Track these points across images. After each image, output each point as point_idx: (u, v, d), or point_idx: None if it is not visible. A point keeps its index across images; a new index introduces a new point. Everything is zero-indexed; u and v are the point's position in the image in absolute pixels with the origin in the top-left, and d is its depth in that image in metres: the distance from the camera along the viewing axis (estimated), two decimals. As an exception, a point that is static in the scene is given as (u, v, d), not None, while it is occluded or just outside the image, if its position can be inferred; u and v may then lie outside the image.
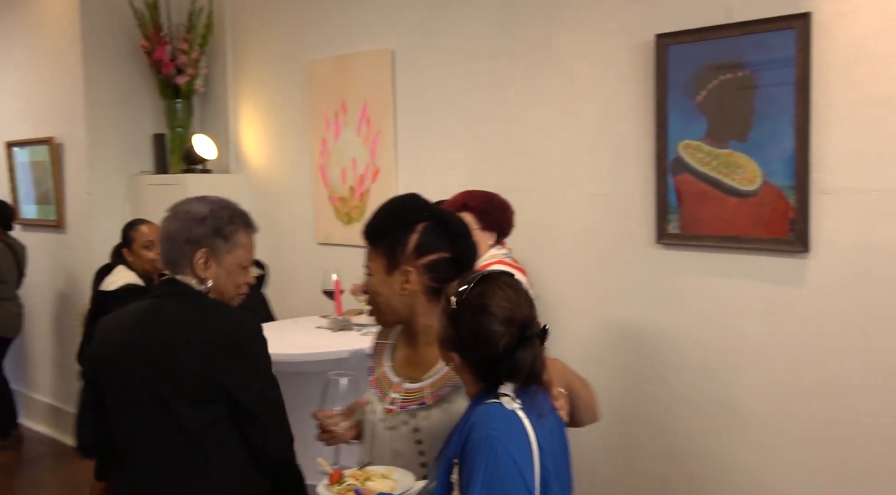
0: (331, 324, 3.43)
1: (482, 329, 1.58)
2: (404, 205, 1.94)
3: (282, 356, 3.04)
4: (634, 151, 3.10)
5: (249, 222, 2.08)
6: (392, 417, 1.84)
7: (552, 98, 3.39)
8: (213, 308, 1.99)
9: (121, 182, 5.16)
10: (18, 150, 5.76)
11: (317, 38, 4.47)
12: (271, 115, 4.83)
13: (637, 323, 3.16)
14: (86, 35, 5.03)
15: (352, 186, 4.30)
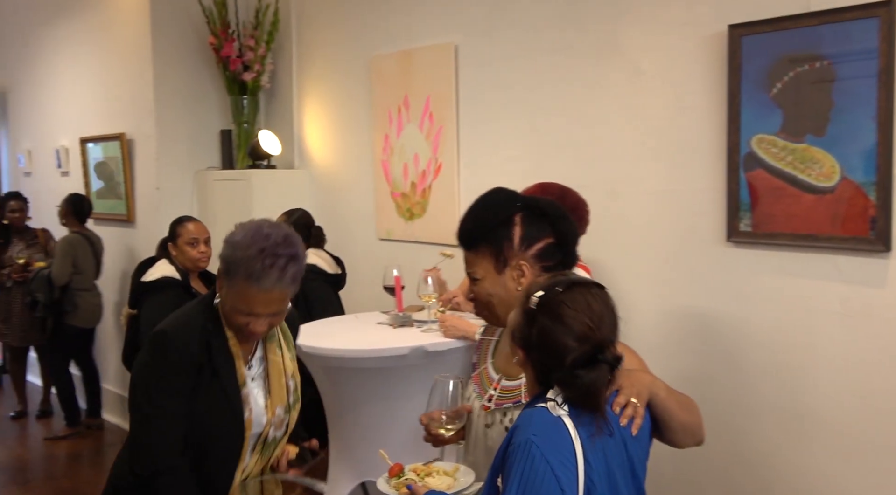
0: (391, 321, 3.41)
1: (554, 338, 1.51)
2: (496, 199, 1.87)
3: (342, 352, 3.04)
4: (704, 146, 3.00)
5: (258, 276, 1.91)
6: (488, 414, 1.82)
7: (617, 92, 3.30)
8: (189, 306, 2.11)
9: (188, 177, 5.25)
10: (92, 146, 5.91)
11: (380, 33, 4.46)
12: (334, 110, 4.85)
13: (705, 323, 3.05)
14: (156, 33, 5.13)
15: (413, 182, 4.29)
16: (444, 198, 4.09)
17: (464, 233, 1.84)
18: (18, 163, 7.14)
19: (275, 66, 5.15)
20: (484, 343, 1.98)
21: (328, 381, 3.20)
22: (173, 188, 5.21)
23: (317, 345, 3.04)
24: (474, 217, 1.84)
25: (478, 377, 1.91)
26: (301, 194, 4.89)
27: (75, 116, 6.15)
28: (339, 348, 3.03)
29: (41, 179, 6.76)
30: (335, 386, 3.19)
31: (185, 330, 1.96)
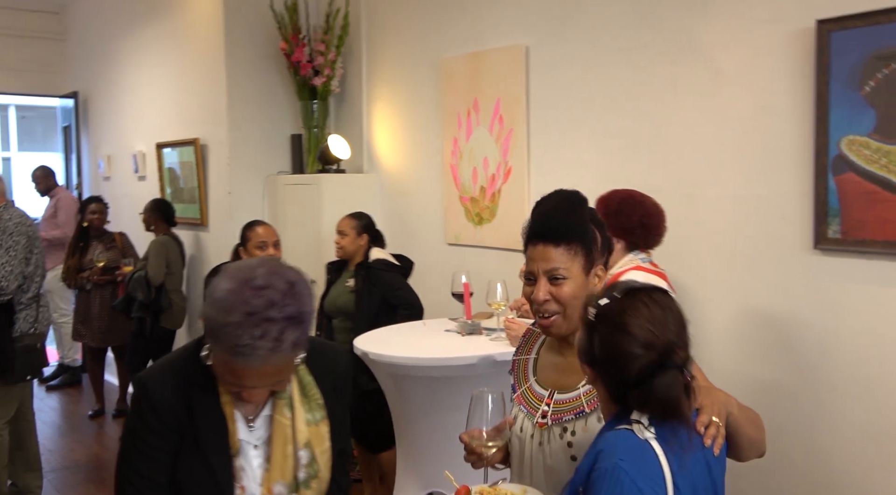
0: (460, 328, 3.35)
1: (617, 348, 1.43)
2: (581, 199, 1.76)
3: (407, 359, 2.99)
4: (789, 148, 2.85)
5: (241, 351, 1.52)
6: (544, 432, 1.73)
7: (694, 92, 3.18)
8: (173, 356, 1.77)
9: (259, 181, 5.30)
10: (168, 151, 6.03)
11: (449, 35, 4.42)
12: (403, 114, 4.82)
13: (788, 334, 2.90)
14: (229, 40, 5.20)
15: (483, 186, 4.22)
16: (513, 203, 4.02)
17: (559, 225, 1.69)
18: (98, 168, 7.35)
19: (345, 70, 5.16)
20: (519, 362, 1.89)
21: (395, 389, 3.16)
22: (245, 192, 5.26)
23: (383, 352, 3.00)
24: (568, 211, 1.72)
25: (521, 397, 1.82)
26: (370, 198, 4.88)
27: (152, 122, 6.29)
28: (405, 356, 2.99)
29: (119, 184, 6.94)
30: (402, 394, 3.14)
31: (164, 381, 1.65)
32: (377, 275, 3.91)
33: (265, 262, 1.59)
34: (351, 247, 4.05)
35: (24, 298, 3.96)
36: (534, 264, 1.70)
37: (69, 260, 5.89)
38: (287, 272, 1.57)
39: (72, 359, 7.12)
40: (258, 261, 1.60)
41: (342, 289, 4.01)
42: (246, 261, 1.63)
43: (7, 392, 3.94)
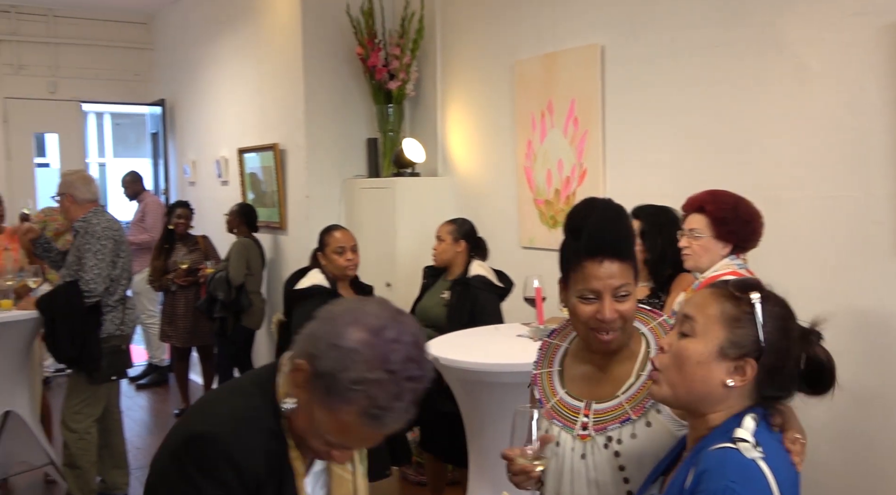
0: (532, 333, 3.30)
1: (786, 324, 1.41)
2: (622, 208, 1.71)
3: (478, 365, 2.96)
4: (881, 148, 2.70)
5: (379, 416, 1.34)
6: (587, 444, 1.66)
7: (779, 91, 3.05)
8: (237, 399, 1.45)
9: (336, 185, 5.35)
10: (248, 156, 6.16)
11: (523, 37, 4.37)
12: (478, 116, 4.79)
13: (882, 343, 2.75)
14: (307, 46, 5.27)
15: (557, 189, 4.16)
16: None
17: (621, 240, 1.64)
18: (184, 173, 7.57)
19: (419, 74, 5.17)
20: (542, 376, 1.82)
21: (466, 395, 3.13)
22: (322, 196, 5.33)
23: (454, 358, 2.97)
24: (621, 224, 1.67)
25: (552, 411, 1.74)
26: (444, 201, 4.87)
27: (234, 128, 6.44)
28: (475, 361, 2.95)
29: (203, 188, 7.13)
30: (473, 401, 3.11)
31: (248, 437, 1.37)
32: (474, 293, 3.80)
33: (380, 305, 1.39)
34: (445, 254, 3.96)
35: (110, 301, 4.10)
36: (598, 282, 1.61)
37: (155, 262, 6.08)
38: (404, 319, 1.39)
39: (159, 358, 7.35)
40: (367, 301, 1.40)
41: (436, 301, 3.92)
42: (358, 304, 1.40)
43: (94, 391, 4.09)
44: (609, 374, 1.69)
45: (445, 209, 4.62)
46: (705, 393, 1.41)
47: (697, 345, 1.40)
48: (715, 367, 1.39)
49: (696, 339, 1.41)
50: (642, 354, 1.68)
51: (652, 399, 1.58)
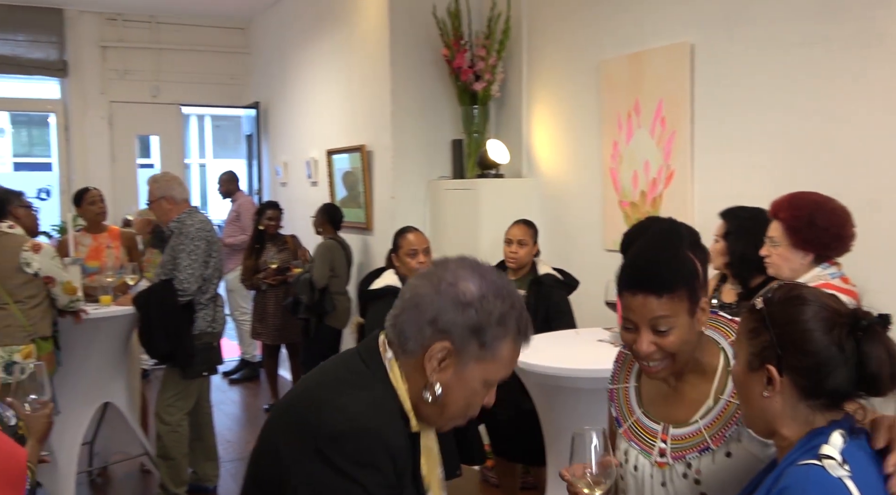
0: (613, 339, 3.24)
1: (801, 318, 1.30)
2: (676, 231, 1.62)
3: (556, 369, 2.92)
4: None
5: (525, 330, 1.44)
6: (665, 471, 1.60)
7: (882, 89, 2.89)
8: (361, 391, 1.40)
9: (421, 186, 5.38)
10: (337, 158, 6.27)
11: (609, 36, 4.29)
12: (563, 117, 4.74)
13: None
14: (394, 48, 5.32)
15: (643, 191, 4.06)
16: (675, 208, 3.83)
17: (660, 274, 1.52)
18: (276, 174, 7.77)
19: (505, 74, 5.14)
20: (618, 392, 1.74)
21: (544, 399, 3.10)
22: (407, 197, 5.37)
23: (532, 361, 2.94)
24: (670, 253, 1.55)
25: (629, 432, 1.67)
26: (527, 203, 4.83)
27: (323, 130, 6.56)
28: (554, 365, 2.92)
29: (294, 189, 7.30)
30: (552, 405, 3.08)
31: (396, 426, 1.39)
32: (547, 291, 3.81)
33: (443, 264, 1.47)
34: (527, 258, 3.94)
35: (202, 299, 4.23)
36: (633, 314, 1.54)
37: (246, 261, 6.26)
38: (469, 262, 1.47)
39: (251, 354, 7.56)
40: (472, 265, 1.45)
41: None
42: (431, 274, 1.45)
43: (186, 386, 4.24)
44: (685, 395, 1.61)
45: (529, 210, 4.58)
46: (759, 411, 1.36)
47: (736, 365, 1.40)
48: (751, 382, 1.35)
49: (736, 359, 1.41)
50: (720, 372, 1.59)
51: (736, 424, 1.53)
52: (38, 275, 3.75)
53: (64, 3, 7.79)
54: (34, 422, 1.86)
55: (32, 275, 3.73)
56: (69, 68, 7.99)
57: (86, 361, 4.25)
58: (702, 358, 1.60)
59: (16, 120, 14.79)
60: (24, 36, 7.82)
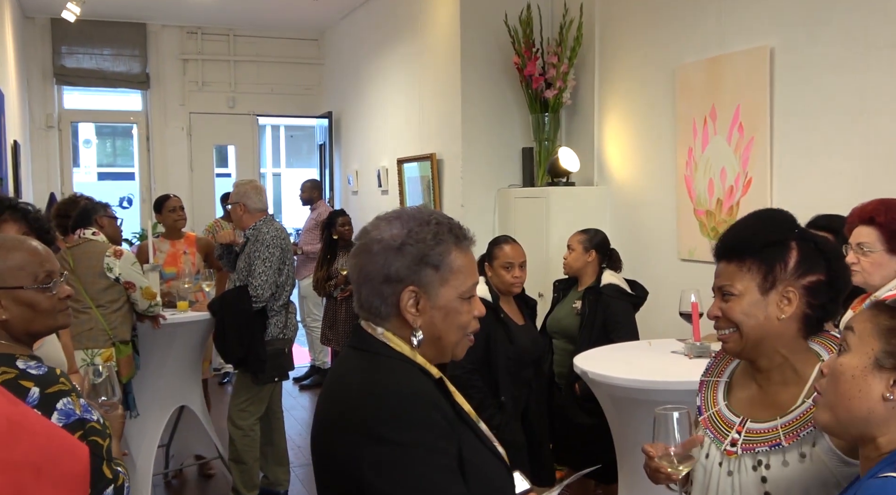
0: (687, 350, 3.15)
1: None
2: (775, 217, 1.67)
3: (628, 381, 2.86)
4: None
5: (462, 234, 1.50)
6: (733, 460, 1.59)
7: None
8: (378, 372, 1.42)
9: (490, 194, 5.37)
10: (408, 166, 6.30)
11: (685, 41, 4.20)
12: (636, 124, 4.66)
13: None
14: (465, 57, 5.33)
15: (719, 199, 3.95)
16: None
17: (730, 243, 1.63)
18: (348, 183, 7.86)
19: (577, 81, 5.09)
20: (708, 384, 1.76)
21: (615, 412, 3.03)
22: (477, 205, 5.36)
23: (603, 372, 2.88)
24: (748, 228, 1.64)
25: (708, 420, 1.68)
26: (599, 212, 4.76)
27: (394, 139, 6.61)
28: (626, 377, 2.85)
29: (365, 197, 7.37)
30: (623, 418, 3.01)
31: (417, 380, 1.44)
32: (606, 301, 3.71)
33: (399, 210, 1.55)
34: (577, 264, 3.85)
35: (275, 306, 4.29)
36: (715, 280, 1.65)
37: (318, 270, 6.34)
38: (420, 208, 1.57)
39: (322, 361, 7.64)
40: (386, 216, 1.51)
41: (568, 310, 3.84)
42: (382, 217, 1.52)
43: (258, 391, 4.30)
44: (773, 398, 1.60)
45: (600, 219, 4.51)
46: (866, 412, 1.28)
47: (852, 359, 1.31)
48: (872, 380, 1.28)
49: (851, 353, 1.31)
50: (811, 381, 1.57)
51: (813, 426, 1.48)
52: (118, 280, 3.86)
53: (147, 18, 8.07)
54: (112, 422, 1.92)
55: (114, 280, 3.85)
56: (151, 80, 8.26)
57: (163, 365, 4.36)
58: (797, 365, 1.59)
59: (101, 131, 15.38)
60: (110, 50, 8.12)
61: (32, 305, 1.70)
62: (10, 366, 1.62)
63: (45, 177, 7.85)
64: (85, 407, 1.66)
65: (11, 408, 0.96)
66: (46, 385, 1.62)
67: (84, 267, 3.83)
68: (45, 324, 1.74)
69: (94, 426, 1.65)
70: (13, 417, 0.94)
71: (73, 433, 1.59)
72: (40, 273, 1.73)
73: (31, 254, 1.75)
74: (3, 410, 0.94)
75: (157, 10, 7.80)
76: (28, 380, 1.61)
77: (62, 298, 1.77)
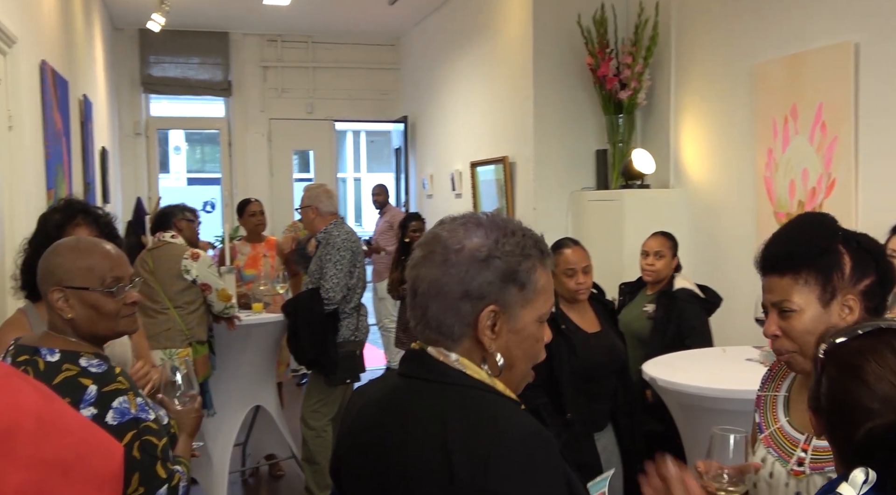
0: (763, 358, 3.03)
1: (846, 398, 1.15)
2: (824, 223, 1.58)
3: (699, 389, 2.77)
4: None
5: (546, 249, 1.34)
6: (801, 481, 1.52)
7: None
8: (478, 409, 1.22)
9: (563, 197, 5.30)
10: (481, 170, 6.29)
11: (765, 38, 4.05)
12: (713, 124, 4.52)
13: None
14: (537, 58, 5.28)
15: (801, 201, 3.80)
16: (837, 219, 3.55)
17: (782, 254, 1.52)
18: (423, 187, 7.90)
19: (652, 81, 4.98)
20: (766, 399, 1.67)
21: (686, 420, 2.94)
22: (549, 208, 5.30)
23: (673, 379, 2.81)
24: (797, 237, 1.54)
25: (769, 438, 1.59)
26: (675, 214, 4.64)
27: (467, 142, 6.61)
28: (697, 385, 2.76)
29: (439, 201, 7.39)
30: (694, 426, 2.91)
31: (515, 412, 1.25)
32: (681, 306, 3.60)
33: (475, 214, 1.37)
34: (666, 270, 3.74)
35: (347, 308, 4.34)
36: (764, 296, 1.54)
37: (393, 273, 6.38)
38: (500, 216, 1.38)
39: (397, 363, 7.69)
40: (463, 218, 1.34)
41: (638, 314, 3.74)
42: (457, 220, 1.34)
43: (330, 392, 4.35)
44: None
45: (676, 222, 4.39)
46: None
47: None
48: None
49: None
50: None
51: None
52: (195, 282, 3.97)
53: (229, 27, 8.30)
54: (184, 418, 1.95)
55: (191, 281, 3.96)
56: (233, 88, 8.49)
57: (238, 366, 4.46)
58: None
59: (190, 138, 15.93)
60: (194, 59, 8.39)
61: (97, 307, 1.75)
62: (73, 363, 1.68)
63: (133, 183, 8.16)
64: (141, 407, 1.70)
65: (44, 404, 0.98)
66: (104, 383, 1.66)
67: (163, 269, 3.96)
68: (108, 327, 1.78)
69: (150, 425, 1.69)
70: (45, 414, 0.96)
71: (126, 432, 1.64)
72: (108, 277, 1.77)
73: (103, 258, 1.80)
74: (34, 407, 0.96)
75: (239, 19, 8.01)
76: (87, 378, 1.66)
77: (128, 304, 1.81)
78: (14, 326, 2.20)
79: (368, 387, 1.43)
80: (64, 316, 1.73)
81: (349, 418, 1.38)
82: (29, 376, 1.30)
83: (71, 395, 1.62)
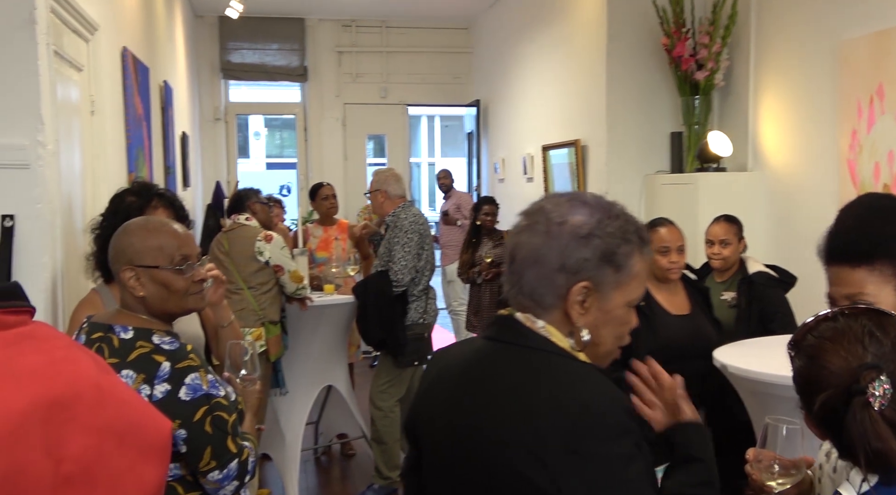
0: (840, 347, 2.92)
1: (808, 379, 1.20)
2: (891, 206, 1.52)
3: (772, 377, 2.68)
4: None
5: (646, 238, 1.36)
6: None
7: None
8: (561, 374, 1.26)
9: (636, 181, 5.20)
10: (553, 153, 6.23)
11: (850, 14, 3.88)
12: (793, 105, 4.36)
13: None
14: (611, 39, 5.19)
15: (886, 184, 3.64)
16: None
17: (852, 244, 1.45)
18: (494, 171, 7.87)
19: (730, 62, 4.83)
20: None
21: (759, 409, 2.85)
22: (622, 192, 5.20)
23: (744, 367, 2.73)
24: (867, 224, 1.47)
25: None
26: (751, 198, 4.50)
27: (539, 126, 6.55)
28: (769, 372, 2.68)
29: (511, 185, 7.36)
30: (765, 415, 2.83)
31: (596, 379, 1.28)
32: (761, 290, 3.49)
33: (579, 193, 1.41)
34: (734, 257, 3.65)
35: (415, 291, 4.37)
36: (832, 288, 1.48)
37: (463, 255, 6.39)
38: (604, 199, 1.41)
39: (468, 346, 7.73)
40: (569, 196, 1.37)
41: (718, 303, 3.57)
42: (562, 197, 1.37)
43: (399, 374, 4.40)
44: None
45: (754, 207, 4.27)
46: None
47: None
48: None
49: None
50: None
51: None
52: (268, 263, 4.06)
53: (305, 13, 8.41)
54: (248, 397, 2.01)
55: (264, 263, 4.05)
56: (309, 73, 8.61)
57: (310, 346, 4.54)
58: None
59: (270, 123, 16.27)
60: (272, 45, 8.54)
61: (167, 285, 1.81)
62: (146, 340, 1.74)
63: (213, 167, 8.38)
64: (212, 383, 1.75)
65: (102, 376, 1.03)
66: (177, 360, 1.71)
67: (237, 250, 4.05)
68: (177, 304, 1.84)
69: (220, 401, 1.74)
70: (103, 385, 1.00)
71: (198, 407, 1.69)
72: (177, 255, 1.82)
73: (171, 237, 1.85)
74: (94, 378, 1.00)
75: (315, 5, 8.12)
76: (161, 355, 1.71)
77: (196, 281, 1.86)
78: (88, 306, 2.29)
79: (449, 350, 1.47)
80: (135, 294, 1.80)
81: (428, 378, 1.44)
82: (87, 348, 1.35)
83: (145, 371, 1.68)
